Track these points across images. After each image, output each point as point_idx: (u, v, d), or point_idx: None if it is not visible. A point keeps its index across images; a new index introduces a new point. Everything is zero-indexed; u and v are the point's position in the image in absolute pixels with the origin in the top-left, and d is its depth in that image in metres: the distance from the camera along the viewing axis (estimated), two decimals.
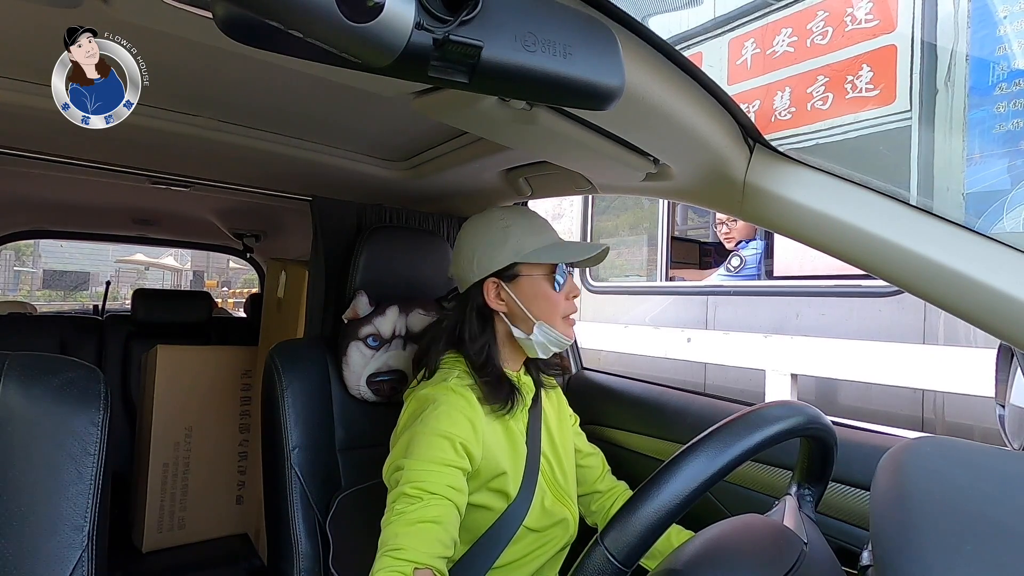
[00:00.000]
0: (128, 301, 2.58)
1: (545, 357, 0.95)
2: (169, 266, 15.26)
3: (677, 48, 0.57)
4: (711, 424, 0.52)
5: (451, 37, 0.36)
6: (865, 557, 0.47)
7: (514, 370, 0.96)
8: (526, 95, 0.52)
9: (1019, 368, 0.64)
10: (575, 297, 0.94)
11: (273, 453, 1.03)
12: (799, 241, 0.74)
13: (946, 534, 0.33)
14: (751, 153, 0.76)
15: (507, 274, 0.91)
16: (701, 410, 1.13)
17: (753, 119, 0.74)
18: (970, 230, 0.62)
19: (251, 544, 1.81)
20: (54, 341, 2.14)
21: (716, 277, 3.27)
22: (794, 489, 0.66)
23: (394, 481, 0.81)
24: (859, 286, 2.43)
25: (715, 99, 0.67)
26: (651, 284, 3.70)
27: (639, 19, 0.52)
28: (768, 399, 2.37)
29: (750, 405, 0.60)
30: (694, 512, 0.48)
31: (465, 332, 0.93)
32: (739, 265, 3.12)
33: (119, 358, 2.22)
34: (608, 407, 1.30)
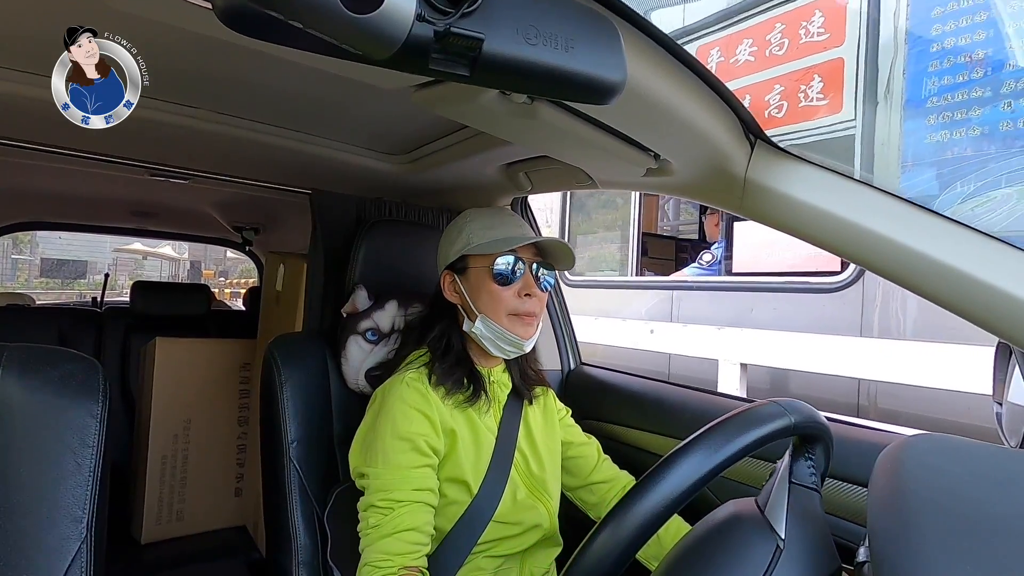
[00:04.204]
0: (126, 290, 2.58)
1: (504, 357, 0.95)
2: (167, 255, 15.22)
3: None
4: (709, 420, 0.52)
5: (452, 29, 0.35)
6: (861, 553, 0.47)
7: (486, 366, 0.97)
8: (527, 89, 0.52)
9: (1017, 366, 0.64)
10: (528, 295, 0.90)
11: (272, 446, 1.03)
12: (799, 238, 0.74)
13: (943, 531, 0.33)
14: (752, 149, 0.76)
15: (458, 267, 0.94)
16: (699, 406, 1.13)
17: None
18: (971, 228, 0.62)
19: (249, 536, 1.82)
20: (52, 333, 2.13)
21: (688, 271, 3.55)
22: (786, 460, 0.56)
23: (361, 487, 0.85)
24: (806, 283, 2.66)
25: (716, 94, 0.67)
26: (621, 279, 3.94)
27: (641, 13, 0.52)
28: (720, 387, 2.61)
29: (750, 401, 0.59)
30: (691, 506, 0.48)
31: (429, 323, 0.98)
32: (711, 260, 3.43)
33: (118, 350, 2.22)
34: (606, 402, 1.31)
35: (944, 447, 0.41)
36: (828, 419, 0.62)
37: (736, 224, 3.20)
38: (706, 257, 3.45)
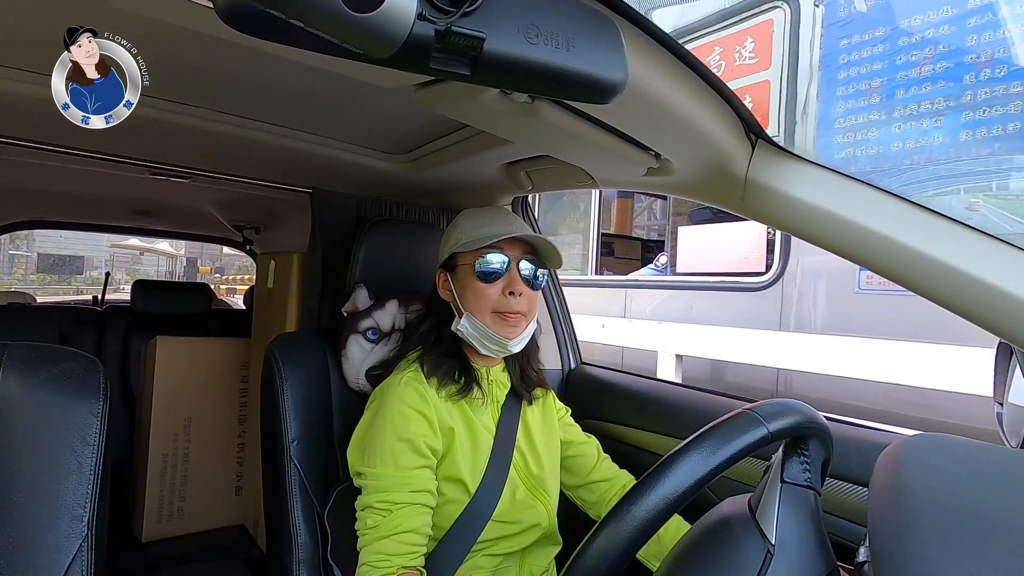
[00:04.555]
0: (123, 286, 2.58)
1: (493, 356, 0.95)
2: (164, 251, 15.20)
3: None
4: (709, 420, 0.52)
5: (453, 28, 0.35)
6: (862, 553, 0.46)
7: (484, 365, 0.97)
8: (528, 88, 0.52)
9: (1018, 366, 0.64)
10: (512, 293, 0.89)
11: (273, 445, 1.03)
12: (801, 237, 0.74)
13: (943, 531, 0.33)
14: (753, 149, 0.76)
15: (450, 265, 0.95)
16: (699, 405, 1.13)
17: None
18: (971, 228, 0.62)
19: (250, 535, 1.82)
20: (53, 332, 2.13)
21: (645, 271, 3.90)
22: (778, 458, 0.54)
23: (358, 486, 0.86)
24: (736, 282, 3.00)
25: (717, 94, 0.67)
26: (581, 277, 4.26)
27: (642, 12, 0.52)
28: (660, 375, 2.83)
29: (750, 401, 0.59)
30: (690, 504, 0.48)
31: (424, 320, 0.99)
32: (666, 262, 3.75)
33: (119, 349, 2.22)
34: (606, 402, 1.31)
35: (944, 447, 0.41)
36: (828, 419, 0.62)
37: (680, 228, 3.49)
38: (662, 259, 3.74)
